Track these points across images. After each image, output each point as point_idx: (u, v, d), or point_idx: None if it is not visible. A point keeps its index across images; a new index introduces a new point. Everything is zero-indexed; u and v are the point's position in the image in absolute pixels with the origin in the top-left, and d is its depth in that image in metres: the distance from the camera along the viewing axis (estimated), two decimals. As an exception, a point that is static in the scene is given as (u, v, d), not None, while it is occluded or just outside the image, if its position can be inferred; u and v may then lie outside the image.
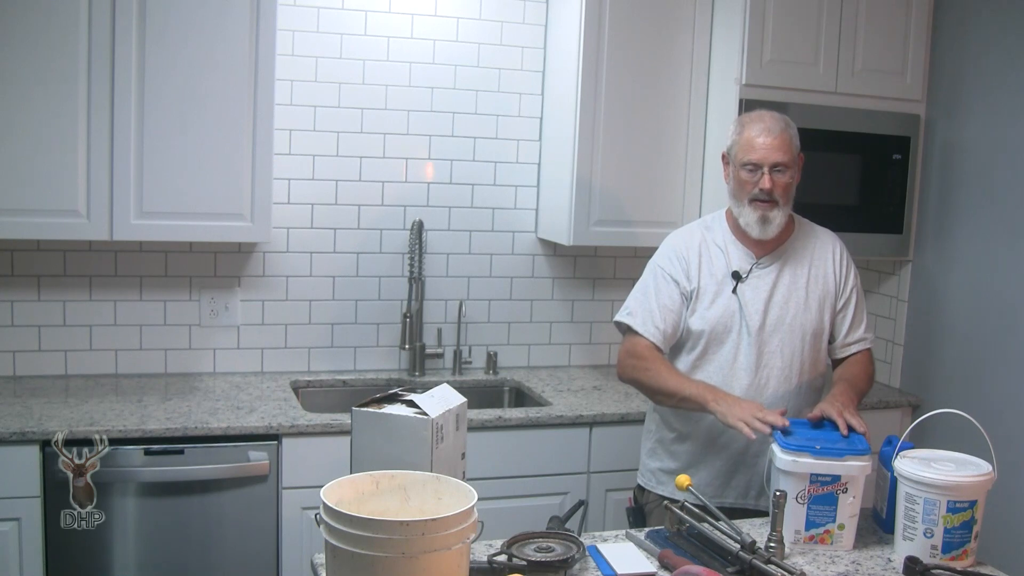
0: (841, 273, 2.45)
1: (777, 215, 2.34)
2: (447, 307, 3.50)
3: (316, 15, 3.25)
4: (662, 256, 2.47)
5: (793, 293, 2.39)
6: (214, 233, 2.98)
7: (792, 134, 2.36)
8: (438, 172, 3.44)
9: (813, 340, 2.41)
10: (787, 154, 2.32)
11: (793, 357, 2.38)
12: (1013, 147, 3.07)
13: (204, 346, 3.28)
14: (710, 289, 2.40)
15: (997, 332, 3.11)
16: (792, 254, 2.43)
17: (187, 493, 2.70)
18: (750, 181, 2.33)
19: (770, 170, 2.31)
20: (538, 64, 3.49)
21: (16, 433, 2.56)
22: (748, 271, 2.39)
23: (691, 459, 2.45)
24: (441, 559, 1.52)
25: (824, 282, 2.43)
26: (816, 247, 2.46)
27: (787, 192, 2.35)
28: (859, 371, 2.41)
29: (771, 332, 2.37)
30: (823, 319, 2.42)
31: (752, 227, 2.35)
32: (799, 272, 2.41)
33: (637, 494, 2.59)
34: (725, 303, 2.38)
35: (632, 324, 2.42)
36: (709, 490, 2.40)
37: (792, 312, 2.38)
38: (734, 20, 3.19)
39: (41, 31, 2.73)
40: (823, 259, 2.45)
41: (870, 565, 1.97)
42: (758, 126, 2.34)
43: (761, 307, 2.37)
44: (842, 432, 2.07)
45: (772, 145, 2.31)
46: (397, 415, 1.88)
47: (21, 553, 2.58)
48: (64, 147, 2.79)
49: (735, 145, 2.38)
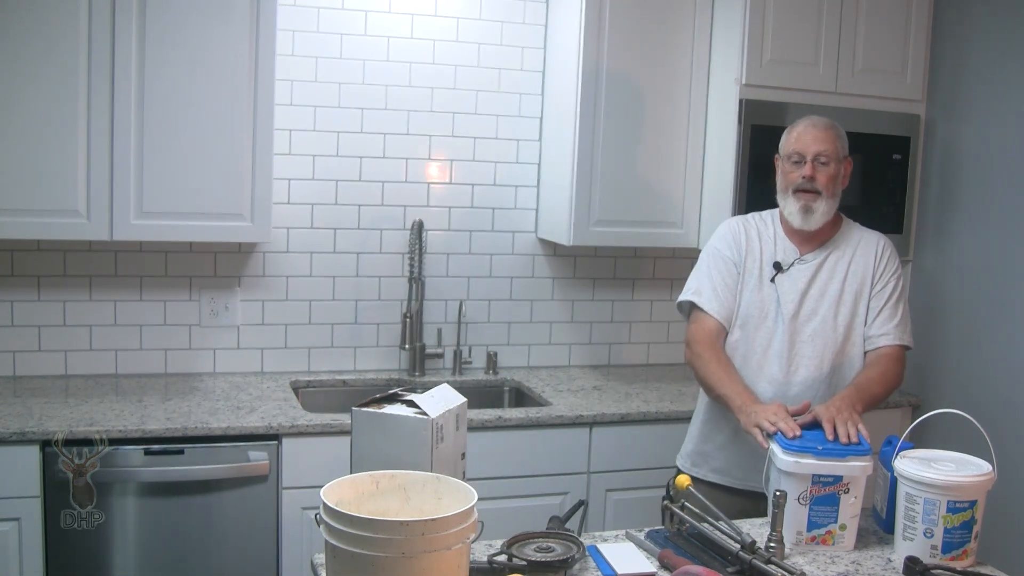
0: (881, 267, 2.49)
1: (820, 205, 2.41)
2: (447, 307, 3.50)
3: (316, 15, 3.25)
4: (719, 238, 2.56)
5: (830, 286, 2.46)
6: (214, 233, 2.98)
7: (838, 134, 2.46)
8: (438, 172, 3.44)
9: (846, 332, 2.45)
10: (830, 146, 2.42)
11: (825, 348, 2.43)
12: (1013, 147, 3.07)
13: (204, 346, 3.28)
14: (754, 274, 2.49)
15: (997, 332, 3.11)
16: (835, 250, 2.49)
17: (187, 493, 2.70)
18: (794, 172, 2.43)
19: (813, 160, 2.40)
20: (538, 64, 3.49)
21: (16, 433, 2.56)
22: (790, 264, 2.48)
23: (723, 441, 2.52)
24: (441, 559, 1.52)
25: (863, 277, 2.48)
26: (860, 245, 2.51)
27: (831, 184, 2.42)
28: (876, 374, 2.38)
29: (804, 322, 2.44)
30: (856, 311, 2.46)
31: (794, 216, 2.44)
32: (839, 267, 2.47)
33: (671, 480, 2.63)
34: (764, 291, 2.47)
35: (698, 302, 2.49)
36: (738, 472, 2.48)
37: (827, 304, 2.45)
38: (734, 20, 3.19)
39: (41, 31, 2.73)
40: (865, 256, 2.50)
41: (870, 565, 1.97)
42: (804, 123, 2.47)
43: (797, 297, 2.45)
44: (827, 436, 2.06)
45: (815, 136, 2.41)
46: (397, 415, 1.87)
47: (21, 553, 2.58)
48: (64, 147, 2.79)
49: (783, 142, 2.49)
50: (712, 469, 2.54)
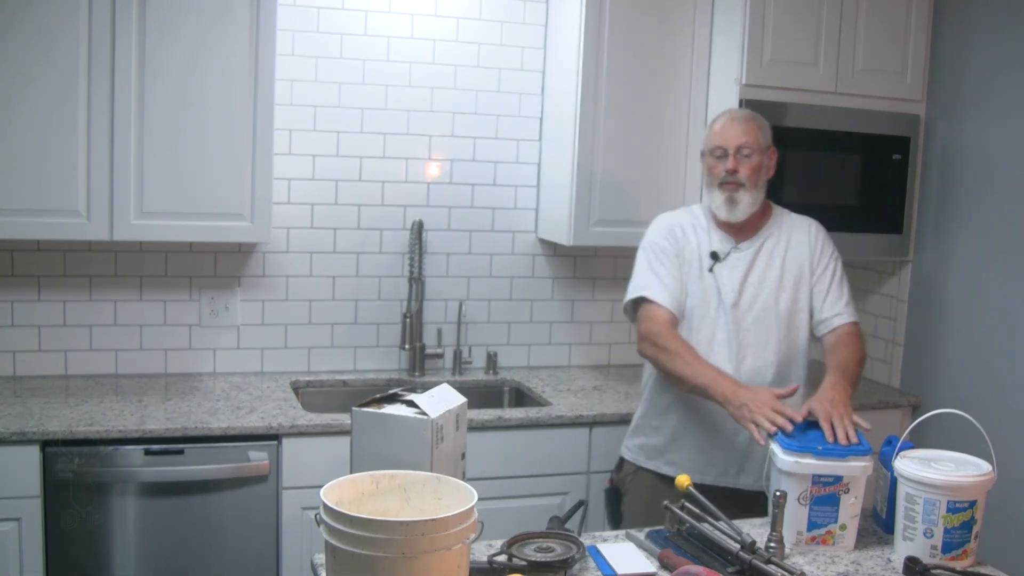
0: (817, 251, 2.53)
1: (744, 197, 2.44)
2: (447, 307, 3.50)
3: (316, 15, 3.25)
4: (655, 232, 2.57)
5: (769, 273, 2.48)
6: (214, 233, 2.98)
7: (759, 125, 2.49)
8: (438, 172, 3.44)
9: (788, 318, 2.48)
10: (752, 137, 2.45)
11: (769, 334, 2.45)
12: (1013, 147, 3.07)
13: (204, 346, 3.28)
14: (693, 266, 2.50)
15: (997, 332, 3.11)
16: (769, 238, 2.52)
17: (187, 493, 2.70)
18: (718, 165, 2.46)
19: (735, 153, 2.43)
20: (538, 64, 3.49)
21: (16, 433, 2.56)
22: (727, 253, 2.50)
23: (673, 434, 2.52)
24: (441, 559, 1.52)
25: (799, 263, 2.51)
26: (793, 231, 2.55)
27: (754, 176, 2.45)
28: (848, 354, 2.40)
29: (746, 310, 2.46)
30: (797, 297, 2.49)
31: (720, 209, 2.47)
32: (775, 254, 2.50)
33: (615, 473, 2.67)
34: (704, 281, 2.48)
35: (648, 295, 2.48)
36: (692, 466, 2.46)
37: (767, 292, 2.47)
38: (734, 20, 3.19)
39: (41, 31, 2.73)
40: (799, 241, 2.53)
41: (870, 565, 1.97)
42: (725, 116, 2.52)
43: (737, 286, 2.47)
44: (827, 438, 2.06)
45: (737, 130, 2.45)
46: (397, 415, 1.87)
47: (21, 553, 2.58)
48: (64, 147, 2.79)
49: (706, 137, 2.55)
50: (667, 462, 2.53)
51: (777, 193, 3.26)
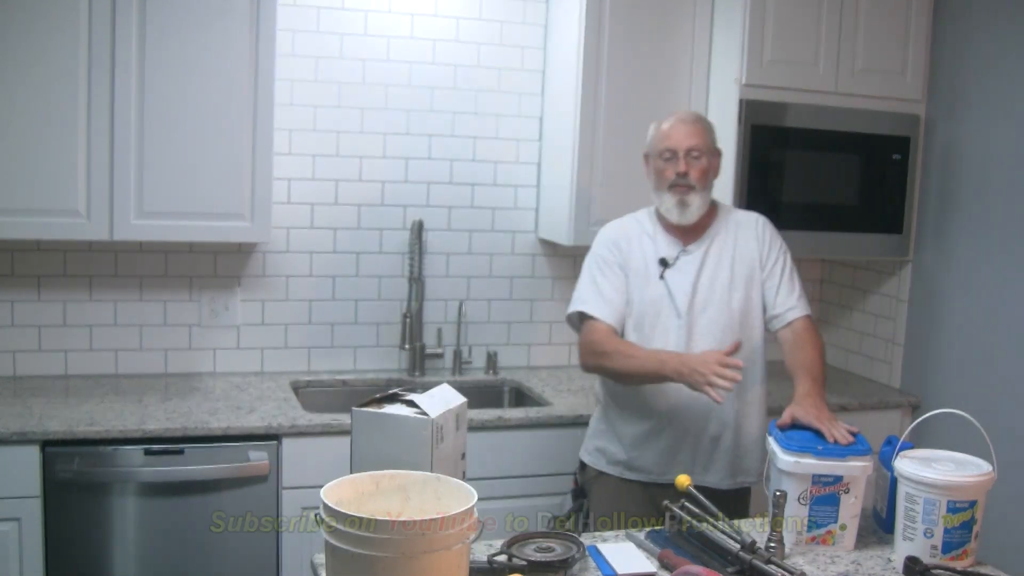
0: (765, 247, 2.53)
1: (695, 199, 2.46)
2: (447, 307, 3.50)
3: (316, 15, 3.25)
4: (599, 246, 2.58)
5: (719, 273, 2.49)
6: (214, 233, 2.98)
7: (707, 127, 2.51)
8: (438, 172, 3.44)
9: (742, 317, 2.48)
10: (701, 140, 2.46)
11: (724, 335, 2.45)
12: (1013, 147, 3.07)
13: (204, 346, 3.28)
14: (641, 274, 2.51)
15: (997, 332, 3.11)
16: (716, 237, 2.53)
17: (187, 493, 2.70)
18: (667, 168, 2.46)
19: (685, 155, 2.44)
20: (538, 64, 3.49)
21: (16, 433, 2.56)
22: (675, 257, 2.50)
23: (635, 440, 2.52)
24: (441, 559, 1.52)
25: (748, 260, 2.51)
26: (739, 228, 2.55)
27: (704, 178, 2.47)
28: (812, 355, 2.41)
29: (700, 312, 2.47)
30: (750, 295, 2.50)
31: (671, 212, 2.47)
32: (724, 253, 2.51)
33: (579, 473, 2.67)
34: (654, 288, 2.49)
35: (586, 310, 2.50)
36: (656, 468, 2.49)
37: (719, 292, 2.48)
38: (734, 20, 3.19)
39: (41, 31, 2.73)
40: (747, 238, 2.54)
41: (870, 565, 1.97)
42: (672, 118, 2.52)
43: (689, 289, 2.47)
44: (828, 440, 2.06)
45: (686, 132, 2.47)
46: (397, 415, 1.87)
47: (21, 553, 2.58)
48: (64, 147, 2.79)
49: (652, 139, 2.54)
50: (630, 468, 2.53)
51: (777, 193, 3.28)
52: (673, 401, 2.45)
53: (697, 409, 2.43)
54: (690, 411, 2.44)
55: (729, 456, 2.49)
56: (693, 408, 2.44)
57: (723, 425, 2.47)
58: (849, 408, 3.27)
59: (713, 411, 2.43)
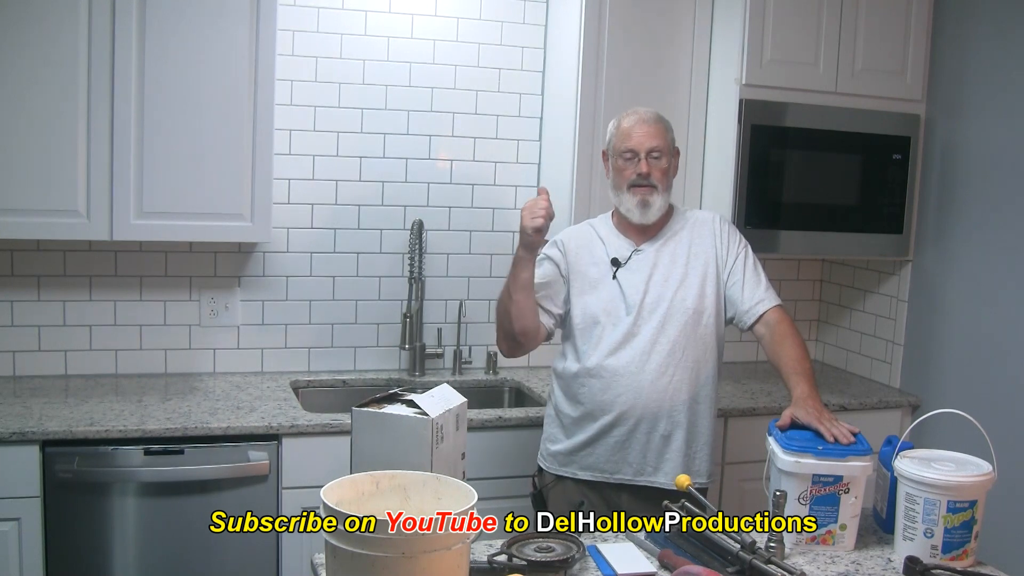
0: (724, 243, 2.53)
1: (656, 199, 2.46)
2: (447, 307, 3.50)
3: (316, 15, 3.25)
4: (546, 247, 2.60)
5: (672, 272, 2.49)
6: (214, 233, 2.98)
7: (667, 127, 2.52)
8: (438, 172, 3.44)
9: (695, 316, 2.47)
10: (662, 140, 2.47)
11: (677, 333, 2.45)
12: (1013, 147, 3.07)
13: (204, 346, 3.28)
14: (591, 277, 2.51)
15: (997, 332, 3.11)
16: (671, 237, 2.53)
17: (187, 493, 2.70)
18: (628, 168, 2.46)
19: (646, 156, 2.44)
20: (538, 64, 3.49)
21: (16, 433, 2.56)
22: (628, 257, 2.51)
23: (587, 439, 2.51)
24: (441, 559, 1.52)
25: (704, 258, 2.51)
26: (695, 226, 2.55)
27: (665, 178, 2.48)
28: (796, 352, 2.38)
29: (651, 310, 2.46)
30: (704, 295, 2.48)
31: (633, 212, 2.48)
32: (678, 252, 2.51)
33: (537, 477, 2.67)
34: (607, 288, 2.49)
35: None
36: (608, 467, 2.49)
37: (672, 290, 2.47)
38: (734, 20, 3.19)
39: (41, 31, 2.73)
40: (702, 235, 2.53)
41: (870, 565, 1.97)
42: (633, 117, 2.51)
43: (642, 287, 2.47)
44: (828, 439, 2.06)
45: (647, 132, 2.46)
46: (397, 415, 1.88)
47: (21, 553, 2.58)
48: (64, 147, 2.79)
49: (613, 138, 2.54)
50: (582, 467, 2.53)
51: (777, 193, 3.28)
52: (624, 399, 2.44)
53: (647, 407, 2.43)
54: (640, 409, 2.44)
55: (681, 456, 2.46)
56: (643, 406, 2.43)
57: (674, 424, 2.45)
58: (849, 408, 3.27)
59: (664, 409, 2.43)
